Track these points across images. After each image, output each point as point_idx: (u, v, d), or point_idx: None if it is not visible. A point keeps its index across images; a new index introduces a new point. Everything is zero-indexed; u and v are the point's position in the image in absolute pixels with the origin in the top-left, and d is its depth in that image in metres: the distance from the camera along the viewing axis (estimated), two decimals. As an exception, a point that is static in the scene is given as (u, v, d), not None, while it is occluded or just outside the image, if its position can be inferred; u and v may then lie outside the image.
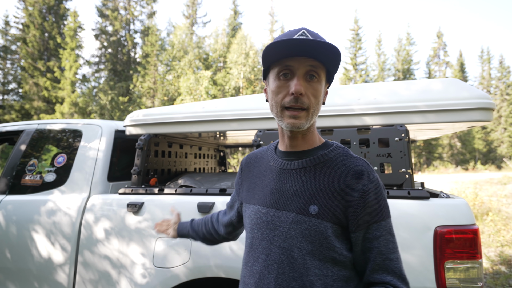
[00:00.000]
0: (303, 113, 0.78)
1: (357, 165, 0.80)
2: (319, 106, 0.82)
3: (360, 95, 1.75)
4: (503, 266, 3.96)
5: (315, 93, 0.79)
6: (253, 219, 0.87)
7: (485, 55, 40.84)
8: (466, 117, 1.59)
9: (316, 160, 0.83)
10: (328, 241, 0.76)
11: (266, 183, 0.88)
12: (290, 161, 0.85)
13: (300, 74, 0.78)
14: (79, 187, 1.97)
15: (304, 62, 0.78)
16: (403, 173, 1.58)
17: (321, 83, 0.81)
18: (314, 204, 0.78)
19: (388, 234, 0.78)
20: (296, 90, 0.76)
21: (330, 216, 0.76)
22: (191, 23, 28.75)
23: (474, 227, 1.36)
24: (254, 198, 0.90)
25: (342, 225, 0.77)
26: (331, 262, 0.76)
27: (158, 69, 24.43)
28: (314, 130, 0.87)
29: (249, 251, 0.86)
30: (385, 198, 0.80)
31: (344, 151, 0.84)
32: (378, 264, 0.76)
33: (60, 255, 1.83)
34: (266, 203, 0.85)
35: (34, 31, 20.43)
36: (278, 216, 0.81)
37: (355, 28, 34.17)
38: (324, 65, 0.81)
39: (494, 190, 10.22)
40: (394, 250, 0.78)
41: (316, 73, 0.79)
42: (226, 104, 1.96)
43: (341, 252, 0.77)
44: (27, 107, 19.41)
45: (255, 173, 0.94)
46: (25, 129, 2.32)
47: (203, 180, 2.20)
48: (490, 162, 34.45)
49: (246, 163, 1.01)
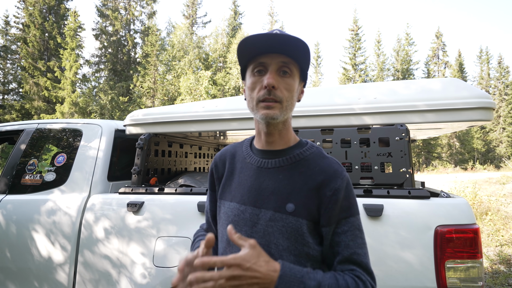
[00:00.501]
0: (277, 104, 0.81)
1: (329, 165, 0.85)
2: (293, 101, 0.85)
3: (360, 95, 1.75)
4: (502, 266, 3.96)
5: (288, 87, 0.83)
6: (230, 216, 0.87)
7: (484, 55, 40.87)
8: (466, 117, 1.59)
9: (293, 159, 0.86)
10: (302, 237, 0.80)
11: (243, 181, 0.89)
12: (267, 160, 0.88)
13: (273, 69, 0.82)
14: (79, 186, 1.97)
15: (276, 58, 0.82)
16: (403, 172, 1.58)
17: (294, 78, 0.84)
18: (291, 202, 0.81)
19: (356, 229, 0.82)
20: (268, 83, 0.80)
21: (305, 214, 0.80)
22: (191, 23, 28.74)
23: (474, 227, 1.36)
24: (230, 194, 0.90)
25: (315, 221, 0.81)
26: (305, 257, 0.80)
27: (158, 69, 24.41)
28: (290, 128, 0.90)
29: (227, 247, 0.87)
30: (355, 196, 0.86)
31: (317, 151, 0.89)
32: (345, 257, 0.79)
33: (60, 254, 1.82)
34: (244, 200, 0.86)
35: (34, 31, 20.41)
36: (257, 214, 0.83)
37: (354, 28, 34.17)
38: (296, 61, 0.84)
39: (493, 189, 10.23)
40: (362, 246, 0.81)
41: (289, 69, 0.83)
42: (226, 104, 1.96)
43: (313, 247, 0.81)
44: (28, 107, 19.39)
45: (230, 169, 0.94)
46: (25, 129, 2.32)
47: (203, 180, 2.20)
48: (489, 162, 34.47)
49: (220, 159, 0.99)
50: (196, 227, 1.65)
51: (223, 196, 0.93)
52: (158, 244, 1.68)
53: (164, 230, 1.69)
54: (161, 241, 1.68)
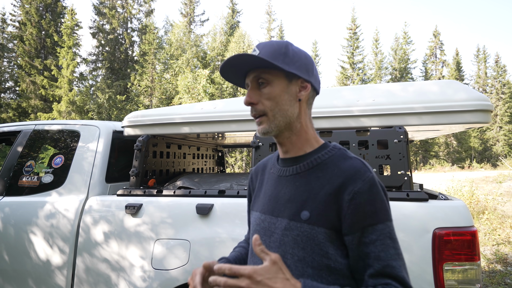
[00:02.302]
0: (263, 118, 0.82)
1: (350, 166, 0.77)
2: (282, 106, 0.81)
3: (358, 97, 1.75)
4: (499, 265, 3.99)
5: (268, 96, 0.81)
6: (254, 225, 0.89)
7: (481, 54, 41.01)
8: (464, 119, 1.60)
9: (310, 164, 0.82)
10: (320, 247, 0.74)
11: (267, 190, 0.90)
12: (286, 168, 0.86)
13: (252, 87, 0.84)
14: (77, 188, 1.96)
15: (251, 74, 0.84)
16: (402, 175, 1.58)
17: (273, 85, 0.81)
18: (306, 210, 0.77)
19: (387, 238, 0.72)
20: (245, 101, 0.83)
21: (322, 221, 0.75)
22: (189, 21, 28.62)
23: (472, 229, 1.36)
24: (256, 205, 0.92)
25: (336, 230, 0.75)
26: (327, 271, 0.74)
27: (155, 68, 24.32)
28: (303, 133, 0.85)
29: (251, 257, 0.88)
30: (383, 199, 0.76)
31: (339, 152, 0.82)
32: (377, 270, 0.71)
33: (58, 257, 1.82)
34: (264, 210, 0.86)
35: (31, 29, 20.26)
36: (274, 223, 0.82)
37: (352, 27, 34.17)
38: (269, 67, 0.81)
39: (490, 188, 10.29)
40: (396, 257, 0.71)
41: (263, 79, 0.82)
42: (225, 105, 1.96)
43: (336, 258, 0.74)
44: (24, 105, 19.27)
45: (260, 181, 0.97)
46: (22, 130, 2.30)
47: (202, 181, 2.20)
48: (486, 161, 34.66)
49: (255, 172, 1.03)
50: (195, 230, 1.65)
51: (253, 207, 0.94)
52: (156, 247, 1.67)
53: (163, 232, 1.69)
54: (160, 243, 1.68)
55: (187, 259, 1.61)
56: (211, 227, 1.64)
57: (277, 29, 32.60)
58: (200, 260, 1.59)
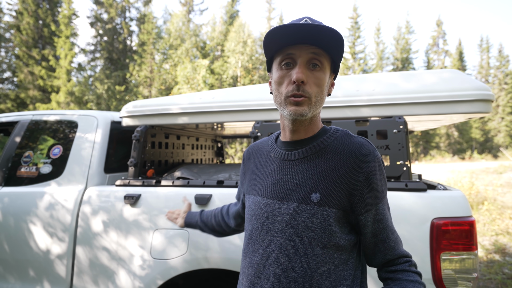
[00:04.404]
0: (305, 100, 0.76)
1: (359, 146, 0.79)
2: (323, 96, 0.80)
3: (358, 87, 1.73)
4: (497, 255, 4.03)
5: (318, 82, 0.77)
6: (253, 210, 0.87)
7: (484, 44, 40.57)
8: (465, 109, 1.58)
9: (316, 147, 0.82)
10: (330, 227, 0.76)
11: (267, 174, 0.88)
12: (291, 152, 0.85)
13: (302, 62, 0.76)
14: (75, 179, 1.96)
15: (306, 49, 0.76)
16: (401, 165, 1.58)
17: (324, 72, 0.78)
18: (316, 192, 0.77)
19: (387, 210, 0.82)
20: (297, 77, 0.74)
21: (333, 202, 0.76)
22: (188, 10, 28.23)
23: (470, 219, 1.36)
24: (255, 189, 0.90)
25: (345, 210, 0.77)
26: (333, 248, 0.77)
27: (154, 58, 24.12)
28: (317, 122, 0.85)
29: (249, 242, 0.87)
30: (385, 175, 0.83)
31: (343, 133, 0.84)
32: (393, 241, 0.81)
33: (57, 247, 1.83)
34: (266, 194, 0.85)
35: (27, 18, 20.01)
36: (279, 207, 0.81)
37: (354, 16, 33.72)
38: (327, 53, 0.78)
39: (490, 179, 10.31)
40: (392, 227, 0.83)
41: (319, 61, 0.77)
42: (223, 95, 1.94)
43: (341, 236, 0.77)
44: (23, 96, 19.19)
45: (256, 163, 0.95)
46: (20, 120, 2.29)
47: (200, 172, 2.19)
48: (487, 152, 34.67)
49: (247, 154, 1.01)
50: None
51: (249, 191, 0.93)
52: (155, 237, 1.68)
53: (162, 222, 1.69)
54: (159, 233, 1.68)
55: (186, 248, 1.61)
56: (210, 217, 1.65)
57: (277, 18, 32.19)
58: (199, 250, 1.60)
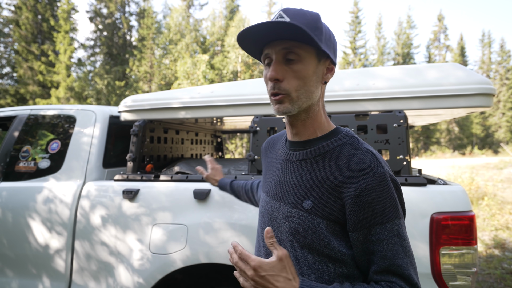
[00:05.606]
0: (285, 97, 0.74)
1: (359, 159, 0.71)
2: (309, 87, 0.75)
3: (358, 81, 1.71)
4: (497, 250, 4.03)
5: (298, 74, 0.73)
6: (260, 206, 0.90)
7: (486, 38, 40.30)
8: (466, 103, 1.57)
9: (317, 151, 0.77)
10: (321, 238, 0.71)
11: (273, 173, 0.88)
12: (293, 152, 0.82)
13: (277, 60, 0.74)
14: (74, 173, 1.95)
15: (277, 46, 0.73)
16: (400, 159, 1.56)
17: (304, 63, 0.73)
18: (309, 199, 0.74)
19: (395, 237, 0.68)
20: (269, 76, 0.73)
21: (324, 212, 0.72)
22: (188, 5, 28.02)
23: (470, 214, 1.36)
24: (264, 185, 0.91)
25: (339, 222, 0.71)
26: (327, 258, 0.72)
27: (154, 53, 24.01)
28: (317, 117, 0.80)
29: (257, 237, 0.90)
30: (394, 197, 0.70)
31: (350, 141, 0.77)
32: (382, 268, 0.68)
33: (56, 242, 1.83)
34: (270, 192, 0.85)
35: (27, 13, 19.87)
36: (277, 208, 0.81)
37: (354, 11, 33.47)
38: (303, 42, 0.72)
39: (490, 174, 10.31)
40: (403, 255, 0.68)
41: (295, 54, 0.73)
42: (222, 90, 1.92)
43: (338, 249, 0.71)
44: (22, 91, 19.14)
45: (269, 159, 0.95)
46: (17, 115, 2.27)
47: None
48: (487, 147, 34.64)
49: (265, 147, 1.01)
50: (192, 214, 1.66)
51: (262, 186, 0.94)
52: (154, 231, 1.68)
53: (160, 217, 1.69)
54: (158, 228, 1.68)
55: (185, 243, 1.61)
56: (208, 212, 1.64)
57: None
58: (198, 245, 1.59)
